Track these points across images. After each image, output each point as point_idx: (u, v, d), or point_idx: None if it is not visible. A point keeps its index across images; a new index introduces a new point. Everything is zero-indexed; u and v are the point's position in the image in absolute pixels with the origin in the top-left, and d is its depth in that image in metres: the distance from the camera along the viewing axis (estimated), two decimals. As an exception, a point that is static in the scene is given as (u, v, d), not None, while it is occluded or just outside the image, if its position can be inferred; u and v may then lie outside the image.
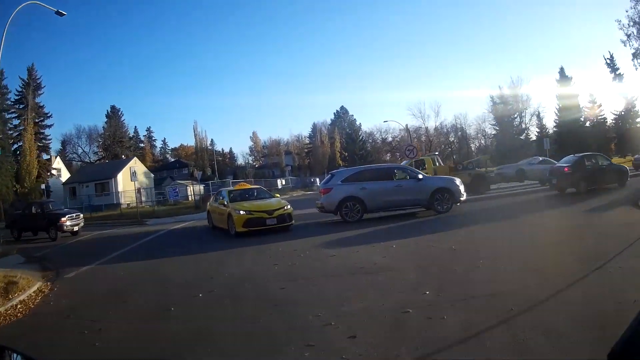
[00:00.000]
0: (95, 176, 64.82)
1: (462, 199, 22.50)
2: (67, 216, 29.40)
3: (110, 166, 77.29)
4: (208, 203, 26.75)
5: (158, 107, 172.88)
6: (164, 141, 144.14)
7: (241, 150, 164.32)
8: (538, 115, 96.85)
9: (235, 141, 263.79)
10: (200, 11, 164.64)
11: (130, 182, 55.76)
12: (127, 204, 61.56)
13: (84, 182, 76.45)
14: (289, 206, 21.70)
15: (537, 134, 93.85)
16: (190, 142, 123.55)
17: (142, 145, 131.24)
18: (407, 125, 72.25)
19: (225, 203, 22.61)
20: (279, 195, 25.77)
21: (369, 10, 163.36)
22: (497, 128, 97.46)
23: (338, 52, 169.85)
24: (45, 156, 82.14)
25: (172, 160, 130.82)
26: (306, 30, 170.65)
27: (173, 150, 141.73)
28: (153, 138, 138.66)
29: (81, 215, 31.58)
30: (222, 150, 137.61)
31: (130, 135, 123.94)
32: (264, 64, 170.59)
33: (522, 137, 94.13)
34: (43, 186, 61.73)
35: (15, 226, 31.77)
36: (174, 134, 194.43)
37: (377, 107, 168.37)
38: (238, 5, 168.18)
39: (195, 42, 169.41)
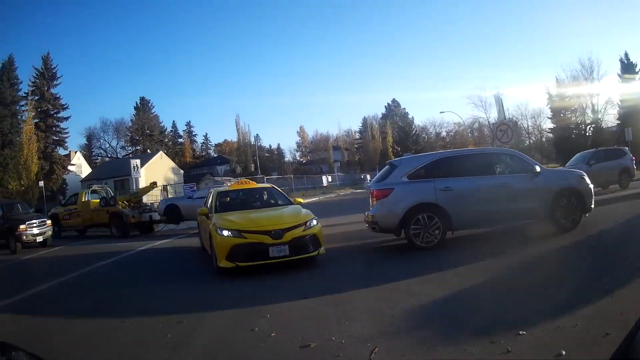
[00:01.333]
0: (115, 172, 60.50)
1: (592, 206, 14.82)
2: (27, 223, 24.22)
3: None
4: (199, 209, 16.83)
5: (199, 101, 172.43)
6: (205, 136, 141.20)
7: (288, 147, 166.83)
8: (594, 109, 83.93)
9: (282, 137, 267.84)
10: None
11: (154, 177, 52.83)
12: (151, 202, 52.64)
13: (102, 178, 71.28)
14: (314, 222, 13.25)
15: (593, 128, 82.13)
16: (234, 137, 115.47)
17: (181, 140, 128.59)
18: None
19: (209, 214, 14.85)
20: (302, 201, 16.70)
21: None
22: (554, 122, 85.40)
23: (388, 44, 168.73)
24: (62, 151, 77.86)
25: (214, 156, 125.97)
26: (355, 22, 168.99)
27: (216, 145, 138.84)
28: (193, 133, 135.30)
29: (47, 222, 25.94)
30: (270, 146, 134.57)
31: (168, 130, 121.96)
32: (312, 56, 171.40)
33: (584, 132, 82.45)
34: (43, 185, 53.82)
35: None
36: (217, 130, 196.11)
37: (431, 99, 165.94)
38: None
39: (240, 32, 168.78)
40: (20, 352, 2.61)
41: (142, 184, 57.85)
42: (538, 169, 14.43)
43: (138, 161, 39.10)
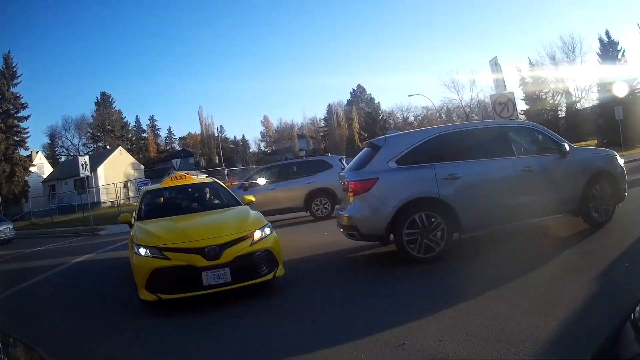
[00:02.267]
0: (74, 171, 55.30)
1: (625, 194, 11.87)
2: None
3: (91, 159, 64.31)
4: (120, 215, 13.51)
5: (162, 94, 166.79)
6: (169, 130, 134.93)
7: (253, 137, 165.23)
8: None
9: (247, 128, 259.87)
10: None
11: (114, 175, 54.63)
12: (111, 201, 55.45)
13: (63, 178, 71.26)
14: (267, 230, 9.70)
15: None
16: (198, 130, 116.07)
17: (144, 135, 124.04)
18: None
19: (132, 221, 11.61)
20: (253, 199, 12.45)
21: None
22: (527, 104, 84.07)
23: (352, 27, 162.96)
24: (24, 152, 75.57)
25: (178, 149, 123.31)
26: (317, 4, 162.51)
27: (181, 139, 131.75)
28: (157, 127, 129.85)
29: None
30: (235, 137, 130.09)
31: (132, 125, 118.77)
32: (272, 43, 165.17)
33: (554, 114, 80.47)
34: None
35: None
36: (181, 123, 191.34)
37: (398, 84, 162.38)
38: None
39: (199, 21, 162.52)
40: (10, 338, 2.58)
41: (102, 181, 61.63)
42: (567, 147, 11.12)
43: (86, 158, 36.18)
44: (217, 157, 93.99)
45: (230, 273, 8.59)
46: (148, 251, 8.88)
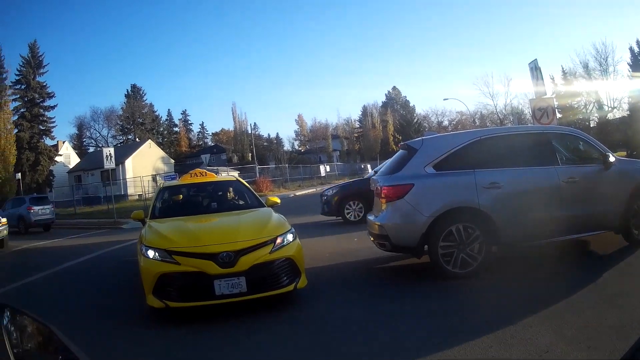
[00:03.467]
0: (101, 163, 51.77)
1: None
2: None
3: (120, 151, 65.89)
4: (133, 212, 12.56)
5: (196, 90, 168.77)
6: (202, 125, 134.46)
7: (287, 136, 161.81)
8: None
9: (281, 126, 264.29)
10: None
11: (142, 168, 53.84)
12: (139, 194, 54.34)
13: (89, 169, 69.54)
14: (290, 236, 8.71)
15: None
16: (231, 126, 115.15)
17: (176, 129, 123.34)
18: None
19: (144, 219, 10.66)
20: (277, 201, 11.36)
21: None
22: (560, 113, 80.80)
23: (389, 30, 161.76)
24: (50, 142, 73.78)
25: (211, 145, 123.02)
26: (355, 8, 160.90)
27: (214, 135, 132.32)
28: (189, 122, 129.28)
29: (2, 221, 22.97)
30: (269, 135, 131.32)
31: (163, 119, 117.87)
32: (308, 41, 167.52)
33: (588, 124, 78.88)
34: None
35: None
36: (214, 118, 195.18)
37: (433, 87, 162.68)
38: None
39: (237, 19, 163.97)
40: (25, 316, 2.41)
41: (129, 174, 63.73)
42: (612, 158, 10.28)
43: (111, 150, 34.81)
44: (250, 154, 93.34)
45: (245, 283, 7.84)
46: (157, 254, 8.18)
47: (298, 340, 6.73)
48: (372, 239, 10.53)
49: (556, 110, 32.05)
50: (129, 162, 64.81)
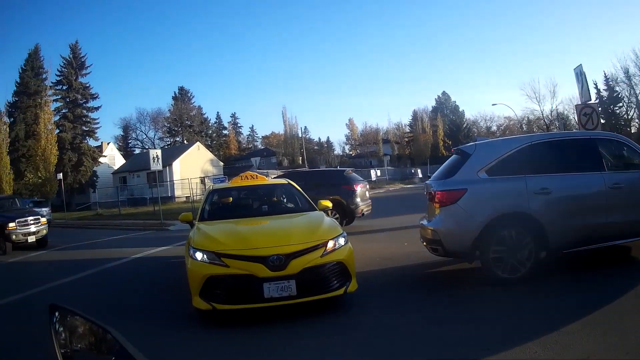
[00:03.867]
0: (147, 164, 50.69)
1: None
2: (16, 221, 21.63)
3: (167, 153, 65.42)
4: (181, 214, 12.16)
5: (245, 93, 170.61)
6: (251, 128, 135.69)
7: (338, 140, 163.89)
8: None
9: (332, 130, 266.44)
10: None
11: (190, 170, 53.90)
12: (186, 196, 53.11)
13: (134, 170, 69.85)
14: (342, 240, 8.56)
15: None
16: (281, 129, 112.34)
17: (225, 132, 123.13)
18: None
19: (192, 221, 10.38)
20: (329, 205, 11.35)
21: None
22: (604, 118, 79.45)
23: (436, 32, 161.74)
24: (93, 142, 75.25)
25: (260, 148, 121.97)
26: (404, 12, 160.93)
27: (263, 138, 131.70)
28: (239, 125, 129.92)
29: (42, 220, 23.11)
30: (319, 139, 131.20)
31: (212, 122, 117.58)
32: (359, 46, 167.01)
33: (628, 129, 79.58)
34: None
35: None
36: (264, 122, 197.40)
37: (482, 92, 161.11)
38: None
39: (287, 22, 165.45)
40: (76, 316, 2.27)
41: (177, 176, 62.91)
42: None
43: (158, 151, 34.72)
44: (300, 157, 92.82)
45: (295, 286, 7.82)
46: (205, 256, 8.21)
47: (345, 346, 6.76)
48: (424, 243, 10.65)
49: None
50: (176, 164, 64.26)
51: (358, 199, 19.54)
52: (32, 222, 22.17)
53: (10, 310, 10.65)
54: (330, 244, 8.33)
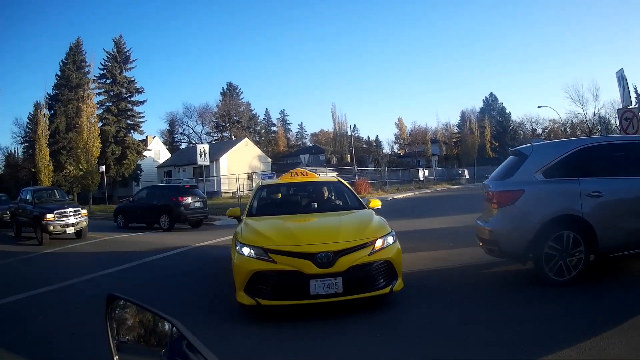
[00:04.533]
0: (193, 159, 54.32)
1: None
2: (55, 212, 21.55)
3: (214, 148, 65.05)
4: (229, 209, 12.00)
5: (294, 90, 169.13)
6: (300, 125, 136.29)
7: (387, 138, 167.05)
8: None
9: (381, 129, 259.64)
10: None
11: (238, 166, 54.40)
12: (232, 192, 53.19)
13: (180, 165, 69.63)
14: (390, 239, 8.57)
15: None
16: (330, 127, 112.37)
17: (274, 128, 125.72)
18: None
19: (240, 216, 10.51)
20: (379, 204, 11.06)
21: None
22: None
23: (484, 34, 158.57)
24: (138, 136, 75.40)
25: (309, 145, 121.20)
26: (452, 13, 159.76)
27: (312, 135, 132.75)
28: (287, 122, 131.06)
29: (82, 212, 23.12)
30: (368, 137, 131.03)
31: (261, 118, 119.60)
32: (409, 45, 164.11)
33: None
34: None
35: (15, 220, 25.31)
36: (313, 119, 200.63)
37: (527, 94, 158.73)
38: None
39: (337, 20, 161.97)
40: (130, 303, 2.26)
41: (224, 171, 62.39)
42: None
43: (205, 146, 35.45)
44: (348, 155, 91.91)
45: (342, 283, 7.80)
46: (252, 251, 8.25)
47: (388, 345, 6.71)
48: (480, 244, 10.69)
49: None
50: (223, 160, 63.14)
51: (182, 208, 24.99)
52: (71, 213, 22.22)
53: (44, 301, 10.60)
54: (379, 243, 8.33)
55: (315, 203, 11.46)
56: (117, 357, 1.98)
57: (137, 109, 73.42)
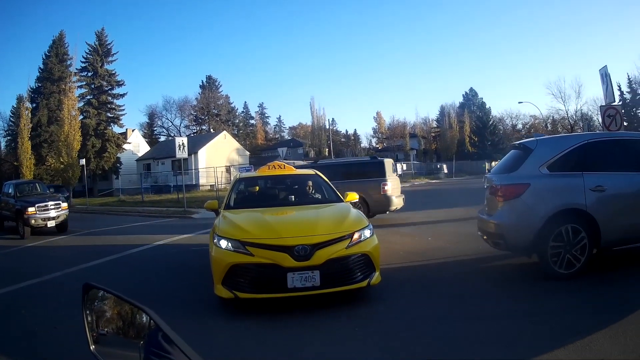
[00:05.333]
0: (172, 152, 50.10)
1: None
2: (36, 206, 21.72)
3: (193, 141, 64.90)
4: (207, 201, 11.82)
5: (273, 83, 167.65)
6: (279, 119, 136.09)
7: (365, 132, 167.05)
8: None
9: (359, 123, 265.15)
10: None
11: (216, 159, 54.53)
12: (211, 185, 53.90)
13: (159, 158, 69.21)
14: (367, 232, 8.46)
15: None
16: (309, 120, 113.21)
17: (253, 122, 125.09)
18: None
19: (218, 209, 10.33)
20: (355, 197, 11.01)
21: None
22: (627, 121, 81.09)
23: (467, 28, 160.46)
24: (118, 129, 75.16)
25: (287, 138, 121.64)
26: (433, 7, 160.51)
27: (291, 128, 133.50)
28: (266, 115, 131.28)
29: (62, 205, 23.20)
30: (346, 131, 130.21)
31: (239, 111, 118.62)
32: (388, 39, 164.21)
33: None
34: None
35: None
36: (291, 112, 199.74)
37: (508, 89, 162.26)
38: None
39: (316, 14, 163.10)
40: (106, 292, 2.25)
41: (202, 164, 62.24)
42: None
43: (184, 139, 34.58)
44: (326, 149, 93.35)
45: (319, 277, 7.67)
46: (230, 244, 8.07)
47: (365, 338, 6.58)
48: (484, 237, 10.74)
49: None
50: (202, 153, 63.27)
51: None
52: (52, 207, 22.21)
53: (27, 294, 10.58)
54: (356, 236, 8.23)
55: (293, 196, 11.33)
56: (94, 347, 2.04)
57: (118, 102, 73.32)
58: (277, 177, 11.98)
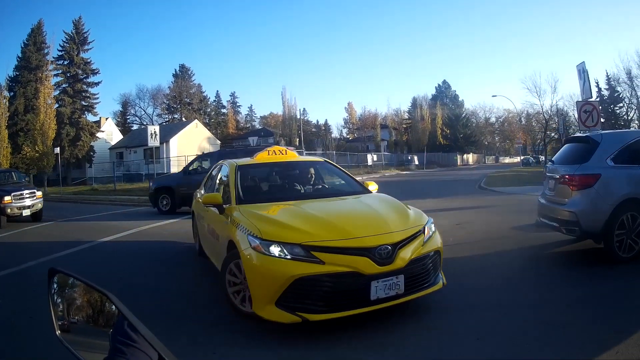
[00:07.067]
0: (144, 140, 53.28)
1: None
2: (12, 195, 21.62)
3: (165, 129, 64.45)
4: (199, 194, 11.36)
5: (245, 72, 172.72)
6: (250, 108, 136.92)
7: (336, 123, 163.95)
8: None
9: (330, 113, 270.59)
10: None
11: (187, 147, 54.08)
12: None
13: (132, 147, 69.13)
14: (433, 227, 7.08)
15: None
16: (280, 110, 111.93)
17: (224, 111, 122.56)
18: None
19: (224, 205, 7.94)
20: (376, 187, 9.23)
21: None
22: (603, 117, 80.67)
23: (442, 20, 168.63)
24: (92, 118, 73.55)
25: (258, 128, 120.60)
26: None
27: (262, 118, 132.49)
28: (237, 104, 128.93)
29: (37, 194, 23.15)
30: (317, 121, 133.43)
31: (211, 100, 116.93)
32: (361, 30, 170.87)
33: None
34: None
35: None
36: (263, 102, 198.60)
37: (482, 82, 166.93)
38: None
39: (288, 2, 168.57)
40: (78, 281, 2.16)
41: (174, 153, 62.21)
42: None
43: (156, 128, 35.43)
44: (297, 139, 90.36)
45: (404, 282, 6.23)
46: (284, 250, 6.09)
47: (438, 342, 5.73)
48: (555, 225, 10.82)
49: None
50: (174, 141, 63.75)
51: None
52: (27, 195, 22.25)
53: (2, 283, 10.25)
54: (427, 230, 6.94)
55: (310, 185, 9.47)
56: (59, 332, 2.00)
57: (92, 90, 72.02)
58: (284, 165, 9.94)
